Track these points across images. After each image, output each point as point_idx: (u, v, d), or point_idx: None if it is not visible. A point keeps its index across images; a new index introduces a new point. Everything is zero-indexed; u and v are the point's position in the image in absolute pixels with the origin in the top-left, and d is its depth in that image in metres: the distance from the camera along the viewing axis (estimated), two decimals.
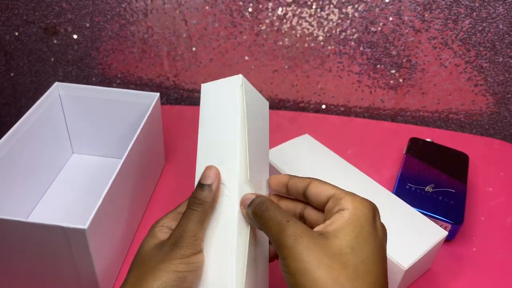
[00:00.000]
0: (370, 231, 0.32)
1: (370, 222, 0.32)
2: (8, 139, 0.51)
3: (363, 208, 0.33)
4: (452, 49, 0.71)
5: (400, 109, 0.79)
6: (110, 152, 0.66)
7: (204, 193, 0.35)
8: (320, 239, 0.31)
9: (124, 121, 0.62)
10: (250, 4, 0.71)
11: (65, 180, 0.63)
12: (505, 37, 0.68)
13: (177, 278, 0.32)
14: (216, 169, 0.36)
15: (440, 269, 0.52)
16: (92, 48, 0.79)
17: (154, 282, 0.31)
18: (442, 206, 0.55)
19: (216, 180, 0.35)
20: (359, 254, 0.30)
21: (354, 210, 0.32)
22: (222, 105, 0.39)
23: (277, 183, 0.39)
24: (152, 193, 0.62)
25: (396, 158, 0.68)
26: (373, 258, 0.31)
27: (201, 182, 0.36)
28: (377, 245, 0.32)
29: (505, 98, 0.74)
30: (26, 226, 0.41)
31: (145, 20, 0.75)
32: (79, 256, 0.43)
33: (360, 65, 0.75)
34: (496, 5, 0.66)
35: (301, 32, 0.73)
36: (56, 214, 0.57)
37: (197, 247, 0.34)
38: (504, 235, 0.57)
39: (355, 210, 0.32)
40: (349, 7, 0.70)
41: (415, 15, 0.69)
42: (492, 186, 0.64)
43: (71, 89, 0.61)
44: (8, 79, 0.85)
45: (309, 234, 0.31)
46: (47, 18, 0.76)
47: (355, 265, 0.30)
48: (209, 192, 0.35)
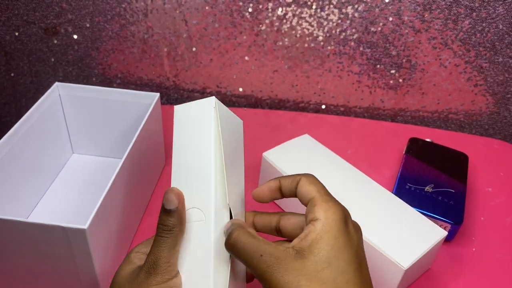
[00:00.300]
0: (344, 240, 0.32)
1: (342, 230, 0.32)
2: (8, 139, 0.51)
3: (334, 216, 0.33)
4: (452, 49, 0.71)
5: (400, 109, 0.79)
6: (110, 152, 0.66)
7: (170, 218, 0.34)
8: (295, 260, 0.31)
9: (124, 121, 0.62)
10: (250, 5, 0.71)
11: (65, 180, 0.63)
12: (504, 37, 0.68)
13: None
14: (177, 190, 0.35)
15: (440, 269, 0.52)
16: (92, 48, 0.79)
17: None
18: (442, 206, 0.55)
19: (179, 202, 0.34)
20: (336, 266, 0.31)
21: (326, 220, 0.32)
22: (196, 128, 0.38)
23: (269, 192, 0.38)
24: (152, 193, 0.62)
25: (396, 158, 0.68)
26: (350, 267, 0.31)
27: (165, 207, 0.35)
28: (353, 252, 0.32)
29: (504, 98, 0.74)
30: (26, 226, 0.41)
31: (145, 20, 0.75)
32: (79, 256, 0.43)
33: (360, 65, 0.75)
34: (496, 5, 0.66)
35: (301, 32, 0.73)
36: (56, 214, 0.58)
37: (172, 272, 0.34)
38: (504, 235, 0.57)
39: (327, 220, 0.33)
40: (349, 7, 0.70)
41: (415, 15, 0.69)
42: (492, 186, 0.64)
43: (71, 89, 0.61)
44: (8, 79, 0.85)
45: (284, 259, 0.31)
46: (47, 18, 0.76)
47: (334, 279, 0.30)
48: (175, 216, 0.34)
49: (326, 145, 0.60)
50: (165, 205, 0.34)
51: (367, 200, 0.51)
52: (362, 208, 0.50)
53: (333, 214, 0.33)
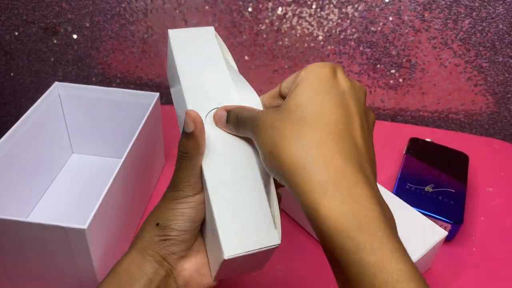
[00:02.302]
0: (323, 86, 0.30)
1: (324, 80, 0.30)
2: (8, 139, 0.51)
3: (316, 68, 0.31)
4: (452, 49, 0.71)
5: (400, 109, 0.79)
6: (110, 152, 0.66)
7: (186, 142, 0.34)
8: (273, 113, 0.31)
9: (124, 121, 0.62)
10: (250, 4, 0.71)
11: (65, 180, 0.63)
12: (505, 37, 0.68)
13: (175, 213, 0.35)
14: (194, 113, 0.34)
15: (440, 269, 0.52)
16: (92, 48, 0.79)
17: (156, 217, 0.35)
18: (442, 206, 0.55)
19: (197, 124, 0.34)
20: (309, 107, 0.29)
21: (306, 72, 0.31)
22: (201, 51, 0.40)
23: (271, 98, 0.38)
24: (152, 193, 0.62)
25: (396, 158, 0.68)
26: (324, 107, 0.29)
27: (184, 130, 0.35)
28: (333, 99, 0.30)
29: (505, 98, 0.74)
30: (26, 226, 0.41)
31: (145, 20, 0.74)
32: (79, 256, 0.43)
33: (360, 65, 0.75)
34: (496, 5, 0.66)
35: (301, 32, 0.73)
36: (56, 214, 0.57)
37: (193, 190, 0.35)
38: (504, 235, 0.57)
39: (306, 71, 0.31)
40: (349, 7, 0.69)
41: (415, 15, 0.69)
42: (492, 186, 0.64)
43: (70, 89, 0.61)
44: (8, 79, 0.85)
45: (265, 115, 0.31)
46: (47, 18, 0.76)
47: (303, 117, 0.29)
48: (191, 139, 0.34)
49: None
50: (184, 128, 0.35)
51: None
52: None
53: (316, 66, 0.31)
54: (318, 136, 0.28)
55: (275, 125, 0.30)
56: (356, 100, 0.31)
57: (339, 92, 0.30)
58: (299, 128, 0.29)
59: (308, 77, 0.31)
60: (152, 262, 0.35)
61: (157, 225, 0.35)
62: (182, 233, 0.35)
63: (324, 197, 0.26)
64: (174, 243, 0.35)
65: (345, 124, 0.29)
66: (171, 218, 0.35)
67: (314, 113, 0.29)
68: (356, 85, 0.32)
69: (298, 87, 0.31)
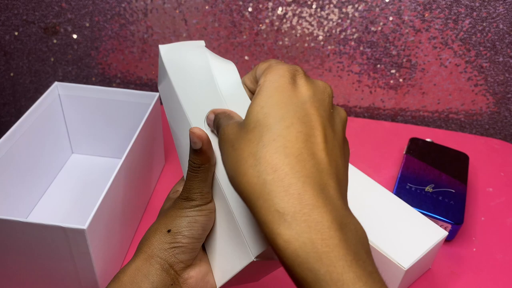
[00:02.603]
0: (280, 97, 0.28)
1: (282, 87, 0.28)
2: (8, 139, 0.51)
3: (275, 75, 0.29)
4: (452, 49, 0.71)
5: (400, 109, 0.79)
6: (110, 152, 0.66)
7: (197, 157, 0.35)
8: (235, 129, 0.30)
9: (124, 121, 0.62)
10: (250, 4, 0.71)
11: (64, 180, 0.63)
12: (505, 37, 0.68)
13: (189, 221, 0.35)
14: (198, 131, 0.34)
15: (440, 269, 0.52)
16: (92, 48, 0.79)
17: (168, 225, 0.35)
18: (442, 206, 0.55)
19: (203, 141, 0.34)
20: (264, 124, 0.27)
21: (263, 82, 0.29)
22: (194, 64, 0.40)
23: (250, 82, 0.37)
24: (151, 193, 0.62)
25: (396, 158, 0.68)
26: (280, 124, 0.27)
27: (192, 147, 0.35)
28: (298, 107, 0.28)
29: (505, 98, 0.74)
30: (26, 226, 0.41)
31: (145, 19, 0.74)
32: (79, 256, 0.43)
33: (360, 65, 0.75)
34: (496, 5, 0.66)
35: (301, 31, 0.73)
36: (56, 214, 0.57)
37: (205, 199, 0.35)
38: (504, 235, 0.57)
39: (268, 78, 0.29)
40: (349, 6, 0.69)
41: (415, 15, 0.69)
42: (492, 186, 0.64)
43: (70, 89, 0.61)
44: (8, 79, 0.85)
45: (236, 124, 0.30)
46: (47, 18, 0.76)
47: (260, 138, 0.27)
48: (201, 155, 0.34)
49: None
50: (191, 146, 0.35)
51: (368, 200, 0.51)
52: (363, 208, 0.50)
53: (274, 75, 0.29)
54: (275, 160, 0.26)
55: (235, 145, 0.29)
56: (319, 107, 0.29)
57: (299, 103, 0.28)
58: (256, 151, 0.27)
59: (267, 88, 0.29)
60: (159, 270, 0.34)
61: (169, 232, 0.35)
62: (193, 240, 0.35)
63: (282, 228, 0.25)
64: (184, 250, 0.35)
65: (304, 142, 0.27)
66: (184, 225, 0.35)
67: (271, 133, 0.27)
68: (319, 88, 0.30)
69: (257, 98, 0.29)
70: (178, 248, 0.35)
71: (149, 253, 0.35)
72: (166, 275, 0.34)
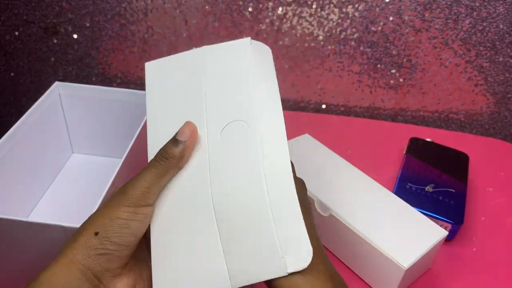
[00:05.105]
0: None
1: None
2: (8, 139, 0.51)
3: None
4: (452, 49, 0.71)
5: (400, 109, 0.79)
6: (110, 152, 0.66)
7: (173, 148, 0.33)
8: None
9: (124, 121, 0.62)
10: (250, 4, 0.71)
11: (65, 179, 0.63)
12: (505, 37, 0.68)
13: (119, 225, 0.31)
14: (193, 126, 0.34)
15: (440, 269, 0.52)
16: (92, 48, 0.79)
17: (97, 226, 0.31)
18: (442, 206, 0.55)
19: (190, 137, 0.34)
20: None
21: None
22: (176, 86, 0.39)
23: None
24: None
25: (396, 158, 0.68)
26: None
27: (175, 137, 0.34)
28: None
29: (505, 98, 0.74)
30: (26, 225, 0.41)
31: (145, 19, 0.74)
32: None
33: (360, 65, 0.75)
34: (497, 5, 0.66)
35: (301, 31, 0.73)
36: (56, 214, 0.57)
37: (147, 200, 0.33)
38: (504, 235, 0.57)
39: None
40: (349, 6, 0.69)
41: (415, 15, 0.69)
42: (492, 186, 0.64)
43: (71, 88, 0.61)
44: (8, 79, 0.85)
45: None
46: (47, 17, 0.76)
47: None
48: (179, 148, 0.33)
49: (326, 145, 0.60)
50: (176, 135, 0.34)
51: (368, 199, 0.51)
52: (363, 207, 0.50)
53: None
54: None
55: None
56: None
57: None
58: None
59: None
60: (81, 280, 0.30)
61: (96, 235, 0.31)
62: (122, 248, 0.31)
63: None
64: (111, 258, 0.31)
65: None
66: (113, 229, 0.31)
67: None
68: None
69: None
70: (104, 256, 0.31)
71: (70, 257, 0.31)
72: (88, 285, 0.31)
